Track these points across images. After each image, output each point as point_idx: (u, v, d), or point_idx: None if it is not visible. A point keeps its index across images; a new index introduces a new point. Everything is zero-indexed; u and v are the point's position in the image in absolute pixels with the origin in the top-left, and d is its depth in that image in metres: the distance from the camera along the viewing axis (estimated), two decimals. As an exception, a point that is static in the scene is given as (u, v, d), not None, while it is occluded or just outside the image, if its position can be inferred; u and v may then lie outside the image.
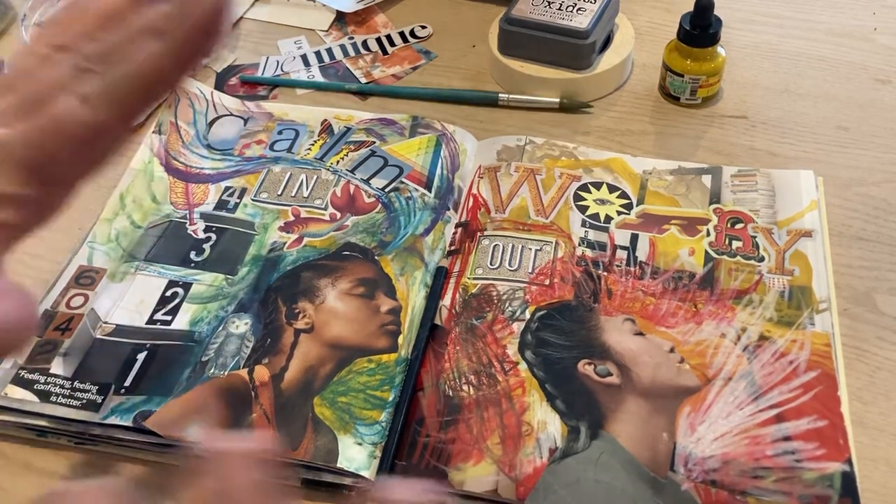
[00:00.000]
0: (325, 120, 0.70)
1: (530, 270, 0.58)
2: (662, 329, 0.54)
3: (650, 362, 0.52)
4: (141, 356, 0.53)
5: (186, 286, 0.58)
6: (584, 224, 0.60)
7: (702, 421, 0.49)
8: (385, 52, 0.79)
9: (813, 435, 0.48)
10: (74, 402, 0.51)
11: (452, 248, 0.60)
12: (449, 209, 0.62)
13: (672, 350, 0.52)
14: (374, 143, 0.67)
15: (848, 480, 0.46)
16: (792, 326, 0.53)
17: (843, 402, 0.49)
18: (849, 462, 0.47)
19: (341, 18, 0.83)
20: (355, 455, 0.48)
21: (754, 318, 0.54)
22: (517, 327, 0.54)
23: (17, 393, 0.51)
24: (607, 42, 0.73)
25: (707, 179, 0.63)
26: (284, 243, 0.60)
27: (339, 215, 0.62)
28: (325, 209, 0.62)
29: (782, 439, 0.48)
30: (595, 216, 0.61)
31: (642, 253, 0.58)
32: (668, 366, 0.52)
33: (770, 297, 0.55)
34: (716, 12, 0.67)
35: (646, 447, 0.48)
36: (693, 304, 0.55)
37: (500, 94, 0.72)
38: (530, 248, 0.59)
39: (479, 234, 0.60)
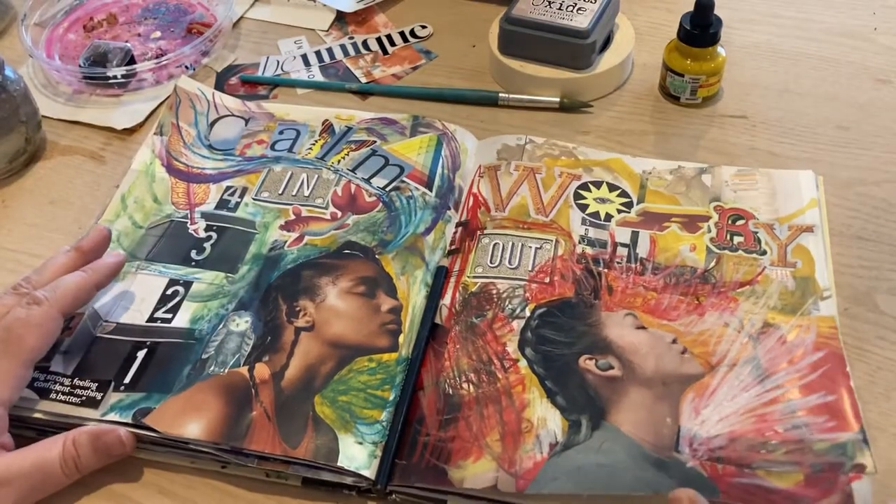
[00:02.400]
0: (326, 120, 0.70)
1: (530, 268, 0.58)
2: (664, 322, 0.54)
3: (652, 353, 0.52)
4: (141, 353, 0.53)
5: (187, 284, 0.58)
6: (584, 222, 0.60)
7: (706, 405, 0.49)
8: (385, 51, 0.79)
9: (823, 409, 0.47)
10: (74, 400, 0.51)
11: (453, 247, 0.60)
12: (449, 208, 0.62)
13: (674, 341, 0.52)
14: (375, 142, 0.67)
15: (862, 448, 0.46)
16: (797, 313, 0.53)
17: (852, 379, 0.49)
18: (862, 431, 0.46)
19: (341, 18, 0.83)
20: (356, 454, 0.48)
21: (758, 308, 0.54)
22: (517, 325, 0.54)
23: (17, 391, 0.51)
24: (607, 42, 0.73)
25: (707, 179, 0.63)
26: (285, 242, 0.60)
27: (339, 214, 0.62)
28: (326, 208, 0.62)
29: (791, 414, 0.47)
30: (595, 214, 0.61)
31: (643, 250, 0.58)
32: (671, 356, 0.51)
33: (773, 287, 0.55)
34: (716, 12, 0.67)
35: (649, 432, 0.48)
36: (695, 298, 0.55)
37: (500, 94, 0.72)
38: (530, 247, 0.59)
39: (479, 232, 0.60)
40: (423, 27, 0.81)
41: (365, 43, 0.80)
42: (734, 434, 0.47)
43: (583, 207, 0.61)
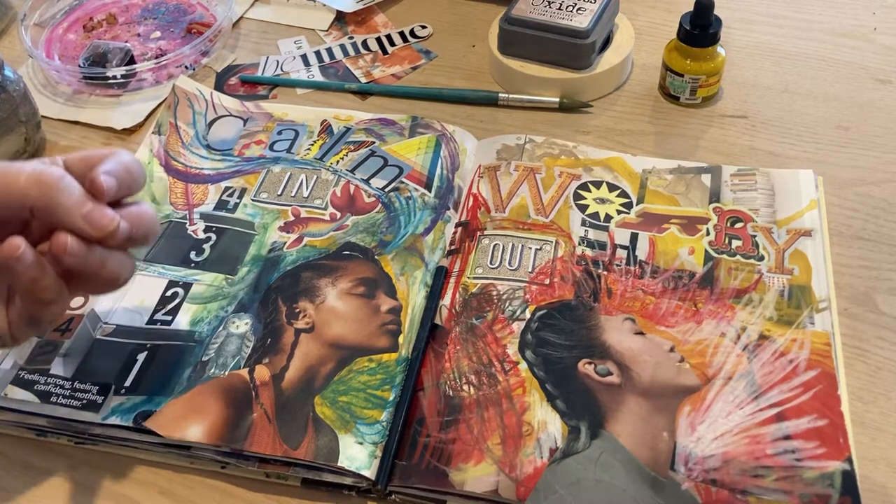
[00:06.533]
0: (325, 120, 0.70)
1: (530, 270, 0.58)
2: (662, 328, 0.54)
3: (650, 361, 0.52)
4: (141, 356, 0.53)
5: (186, 286, 0.58)
6: (583, 223, 0.60)
7: (702, 420, 0.49)
8: (385, 51, 0.79)
9: (813, 434, 0.48)
10: (75, 403, 0.51)
11: (452, 247, 0.60)
12: (449, 209, 0.62)
13: (672, 349, 0.52)
14: (374, 143, 0.67)
15: (848, 479, 0.46)
16: (792, 325, 0.53)
17: (843, 402, 0.49)
18: (849, 461, 0.47)
19: (341, 18, 0.83)
20: (356, 454, 0.48)
21: (754, 318, 0.54)
22: (517, 327, 0.54)
23: (18, 394, 0.51)
24: (607, 42, 0.73)
25: (707, 178, 0.63)
26: (284, 243, 0.60)
27: (339, 215, 0.62)
28: (325, 209, 0.62)
29: (782, 438, 0.48)
30: (595, 215, 0.61)
31: (642, 252, 0.58)
32: (668, 365, 0.52)
33: (770, 297, 0.55)
34: (716, 12, 0.67)
35: (646, 446, 0.48)
36: (693, 304, 0.55)
37: (500, 94, 0.72)
38: (530, 248, 0.59)
39: (479, 233, 0.60)
40: (423, 27, 0.81)
41: (365, 43, 0.80)
42: (728, 455, 0.47)
43: (582, 208, 0.61)
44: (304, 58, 0.79)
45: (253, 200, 0.63)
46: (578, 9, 0.70)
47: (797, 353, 0.52)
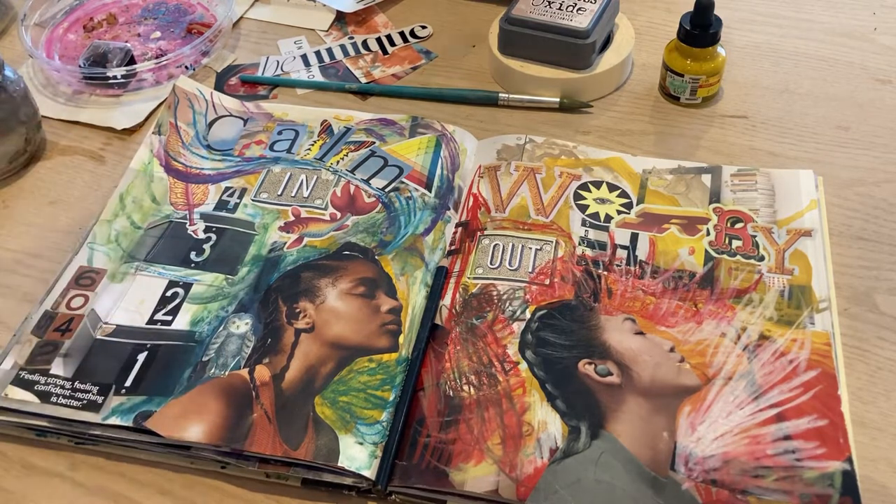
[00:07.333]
0: (325, 120, 0.70)
1: (530, 270, 0.58)
2: (663, 328, 0.54)
3: (650, 362, 0.52)
4: (141, 356, 0.53)
5: (187, 286, 0.58)
6: (584, 223, 0.60)
7: (702, 420, 0.49)
8: (385, 51, 0.79)
9: (813, 434, 0.48)
10: (75, 403, 0.51)
11: (453, 247, 0.60)
12: (449, 209, 0.62)
13: (672, 349, 0.52)
14: (374, 143, 0.67)
15: (848, 479, 0.46)
16: (792, 326, 0.53)
17: (844, 402, 0.49)
18: (849, 461, 0.47)
19: (341, 18, 0.83)
20: (356, 454, 0.48)
21: (754, 318, 0.54)
22: (517, 327, 0.54)
23: (18, 394, 0.51)
24: (607, 42, 0.73)
25: (707, 179, 0.63)
26: (285, 243, 0.60)
27: (339, 215, 0.62)
28: (326, 209, 0.62)
29: (783, 438, 0.48)
30: (595, 215, 0.61)
31: (642, 252, 0.58)
32: (669, 365, 0.52)
33: (770, 297, 0.55)
34: (716, 12, 0.67)
35: (646, 447, 0.48)
36: (693, 304, 0.55)
37: (500, 94, 0.72)
38: (530, 248, 0.59)
39: (479, 233, 0.60)
40: (423, 27, 0.81)
41: (365, 43, 0.80)
42: (728, 455, 0.47)
43: (583, 208, 0.61)
44: (305, 58, 0.79)
45: (253, 200, 0.63)
46: (578, 9, 0.70)
47: (797, 353, 0.52)
